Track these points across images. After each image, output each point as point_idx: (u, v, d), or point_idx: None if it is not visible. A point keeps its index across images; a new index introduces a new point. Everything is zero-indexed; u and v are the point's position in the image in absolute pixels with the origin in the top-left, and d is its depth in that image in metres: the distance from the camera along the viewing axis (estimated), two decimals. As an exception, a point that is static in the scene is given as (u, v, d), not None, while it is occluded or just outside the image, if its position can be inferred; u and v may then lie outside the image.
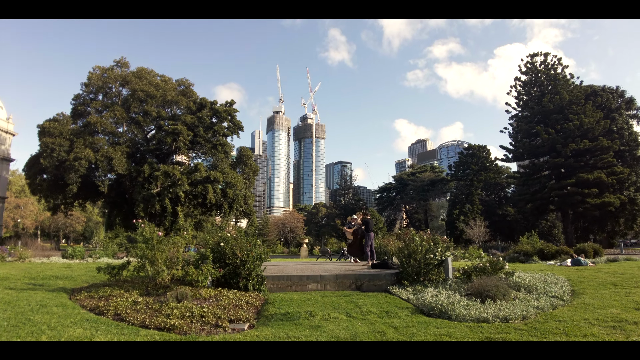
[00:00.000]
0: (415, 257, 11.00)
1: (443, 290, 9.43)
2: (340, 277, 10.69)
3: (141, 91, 47.39)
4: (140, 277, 10.26)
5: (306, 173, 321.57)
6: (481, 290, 8.54)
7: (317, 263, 16.23)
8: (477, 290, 8.69)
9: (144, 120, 48.27)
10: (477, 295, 8.49)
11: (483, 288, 8.59)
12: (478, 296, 8.41)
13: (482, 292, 8.46)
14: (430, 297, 8.73)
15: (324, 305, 8.08)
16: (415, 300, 8.78)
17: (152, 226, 9.48)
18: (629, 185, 46.60)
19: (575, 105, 46.67)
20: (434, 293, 9.11)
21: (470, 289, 9.03)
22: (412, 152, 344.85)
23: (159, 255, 9.06)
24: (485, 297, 8.29)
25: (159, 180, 44.32)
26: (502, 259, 15.82)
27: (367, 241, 14.34)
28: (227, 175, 48.99)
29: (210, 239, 10.45)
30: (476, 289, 8.75)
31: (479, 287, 8.70)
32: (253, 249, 9.95)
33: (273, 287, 10.17)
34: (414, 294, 9.39)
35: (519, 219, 74.96)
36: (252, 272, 9.60)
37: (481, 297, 8.35)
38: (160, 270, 9.04)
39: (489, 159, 79.15)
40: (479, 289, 8.64)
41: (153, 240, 9.14)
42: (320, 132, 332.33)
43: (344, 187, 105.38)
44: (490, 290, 8.44)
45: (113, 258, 27.43)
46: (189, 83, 55.07)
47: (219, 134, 50.90)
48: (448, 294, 9.03)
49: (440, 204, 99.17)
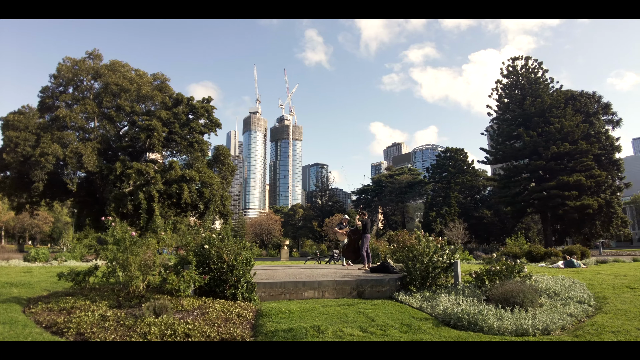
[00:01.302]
0: (421, 260, 10.00)
1: (456, 296, 8.48)
2: (339, 283, 9.56)
3: (114, 85, 44.79)
4: (110, 284, 8.86)
5: (282, 175, 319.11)
6: (507, 297, 7.61)
7: (308, 267, 15.01)
8: (500, 296, 7.75)
9: (117, 115, 45.66)
10: (502, 302, 7.55)
11: (508, 294, 7.66)
12: (504, 303, 7.48)
13: (508, 299, 7.54)
14: (445, 304, 7.84)
15: (330, 318, 6.90)
16: (430, 309, 7.81)
17: (124, 225, 8.09)
18: (605, 188, 47.31)
19: (555, 109, 47.16)
20: (450, 300, 8.18)
21: (492, 295, 8.11)
22: (387, 155, 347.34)
23: (132, 259, 7.70)
24: (513, 304, 7.39)
25: (131, 179, 41.98)
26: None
27: (364, 243, 13.25)
28: (203, 174, 47.01)
29: (192, 241, 9.15)
30: (499, 295, 7.82)
31: (504, 293, 7.76)
32: (242, 252, 8.69)
33: (264, 296, 8.93)
34: (425, 302, 8.45)
35: (495, 222, 75.93)
36: (241, 278, 8.34)
37: (507, 304, 7.43)
38: (133, 277, 7.68)
39: (466, 161, 79.93)
40: (503, 295, 7.71)
41: (125, 241, 7.78)
42: (297, 134, 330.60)
43: (321, 189, 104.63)
44: (517, 297, 7.54)
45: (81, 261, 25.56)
46: (165, 78, 52.71)
47: (195, 131, 48.83)
48: (464, 300, 8.10)
49: (417, 206, 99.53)
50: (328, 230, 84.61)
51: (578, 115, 47.57)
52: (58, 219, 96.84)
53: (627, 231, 50.29)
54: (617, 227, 48.14)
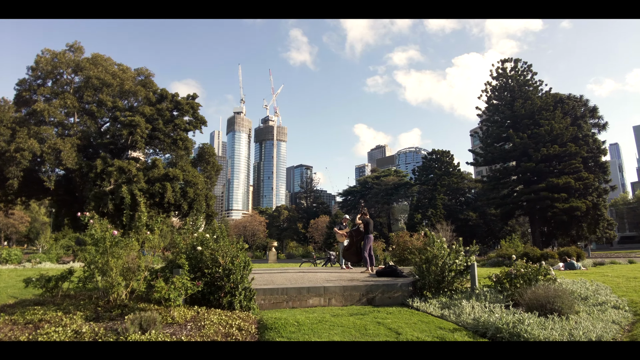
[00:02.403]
0: (436, 262, 9.12)
1: (478, 302, 7.67)
2: (347, 288, 8.60)
3: (96, 79, 42.94)
4: (87, 291, 7.73)
5: (267, 176, 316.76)
6: (541, 302, 6.84)
7: (305, 270, 14.00)
8: (533, 302, 6.98)
9: (99, 110, 43.77)
10: (536, 308, 6.77)
11: (543, 299, 6.88)
12: (539, 309, 6.69)
13: (544, 305, 6.78)
14: (470, 311, 7.05)
15: (348, 332, 5.93)
16: (455, 318, 6.98)
17: (104, 223, 6.95)
18: (592, 190, 47.57)
19: (545, 112, 47.30)
20: (475, 307, 7.35)
21: (521, 300, 7.37)
22: (371, 157, 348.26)
23: (113, 262, 6.59)
24: (551, 310, 6.62)
25: (112, 177, 40.22)
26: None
27: (367, 244, 12.32)
28: (187, 173, 45.52)
29: (181, 241, 8.08)
30: (531, 300, 7.05)
31: (537, 299, 6.98)
32: (239, 254, 7.64)
33: (264, 304, 7.92)
34: (446, 309, 7.62)
35: (481, 224, 76.05)
36: (239, 284, 7.28)
37: (542, 310, 6.66)
38: (115, 284, 6.57)
39: (452, 163, 79.94)
40: (537, 301, 6.94)
41: (105, 241, 6.64)
42: (281, 135, 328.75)
43: (306, 190, 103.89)
44: (554, 302, 6.77)
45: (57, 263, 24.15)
46: (149, 73, 50.92)
47: (179, 128, 47.29)
48: (489, 307, 7.29)
49: (403, 207, 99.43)
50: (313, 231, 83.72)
51: (567, 118, 47.77)
52: (35, 219, 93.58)
53: (613, 233, 50.72)
54: (604, 230, 48.49)
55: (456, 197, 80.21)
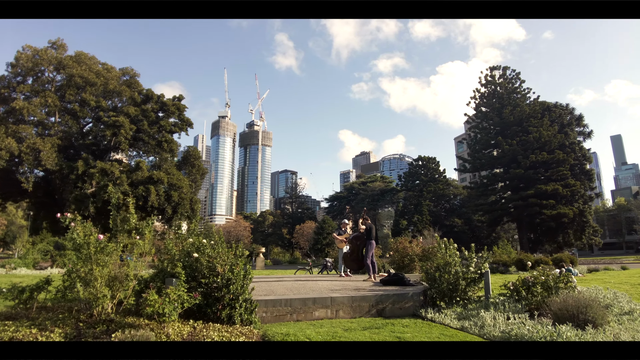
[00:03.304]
0: (449, 270, 8.56)
1: (497, 312, 7.15)
2: (356, 299, 7.91)
3: (79, 77, 41.32)
4: (67, 302, 6.85)
5: (251, 181, 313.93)
6: (572, 312, 6.30)
7: (304, 278, 13.23)
8: (562, 311, 6.45)
9: (81, 110, 42.14)
10: (567, 319, 6.21)
11: (573, 309, 6.34)
12: (570, 320, 6.12)
13: (575, 315, 6.24)
14: (490, 322, 6.54)
15: (368, 350, 5.22)
16: (478, 330, 6.39)
17: (88, 225, 6.11)
18: (578, 197, 47.92)
19: (533, 119, 47.62)
20: (497, 318, 6.81)
21: (546, 309, 6.88)
22: (356, 163, 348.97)
23: (98, 271, 5.77)
24: (584, 321, 6.08)
25: (94, 179, 38.72)
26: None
27: (369, 251, 11.64)
28: (172, 176, 44.27)
29: (173, 247, 7.28)
30: (559, 309, 6.52)
31: (566, 308, 6.44)
32: (239, 261, 6.88)
33: (266, 317, 7.18)
34: (465, 320, 7.07)
35: (466, 230, 76.28)
36: (239, 295, 6.52)
37: (573, 321, 6.10)
38: (99, 295, 5.74)
39: (438, 170, 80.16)
40: (566, 311, 6.40)
41: (89, 247, 5.82)
42: (267, 140, 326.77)
43: (291, 196, 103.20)
44: (587, 313, 6.22)
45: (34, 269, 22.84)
46: (135, 73, 49.45)
47: (165, 130, 46.00)
48: (510, 317, 6.82)
49: (388, 213, 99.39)
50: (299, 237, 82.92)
51: (554, 125, 48.17)
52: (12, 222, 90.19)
53: (598, 240, 51.14)
54: (589, 236, 48.87)
55: (441, 204, 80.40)
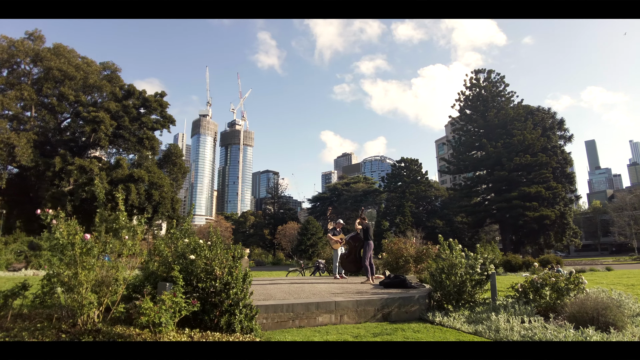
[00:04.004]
0: (455, 272, 8.27)
1: (508, 315, 6.90)
2: (361, 303, 7.47)
3: (58, 70, 39.62)
4: (46, 309, 6.16)
5: (232, 181, 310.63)
6: (592, 315, 6.09)
7: (298, 280, 12.69)
8: (581, 314, 6.23)
9: (59, 105, 40.38)
10: (587, 321, 6.02)
11: (593, 311, 6.14)
12: (589, 322, 5.95)
13: (595, 317, 6.04)
14: (504, 326, 6.29)
15: None
16: (493, 335, 6.08)
17: (73, 223, 5.47)
18: (559, 200, 48.68)
19: (517, 122, 48.21)
20: (511, 321, 6.50)
21: (562, 312, 6.81)
22: (337, 164, 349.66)
23: (83, 275, 5.15)
24: (605, 324, 5.88)
25: (72, 176, 37.18)
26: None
27: (367, 252, 11.19)
28: (153, 174, 43.01)
29: (165, 249, 6.69)
30: (580, 312, 6.29)
31: (586, 311, 6.22)
32: (237, 264, 6.34)
33: (266, 323, 6.67)
34: (476, 324, 6.77)
35: (447, 231, 76.87)
36: (240, 301, 5.97)
37: (593, 323, 5.93)
38: (85, 303, 5.12)
39: (420, 172, 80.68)
40: (587, 313, 6.18)
41: (74, 248, 5.20)
42: (248, 140, 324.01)
43: (273, 196, 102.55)
44: (606, 315, 6.02)
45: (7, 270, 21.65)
46: (116, 68, 47.96)
47: (146, 127, 44.69)
48: (525, 321, 6.52)
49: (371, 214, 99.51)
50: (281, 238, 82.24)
51: (538, 129, 48.89)
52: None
53: (578, 241, 52.09)
54: (569, 238, 49.76)
55: (423, 205, 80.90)
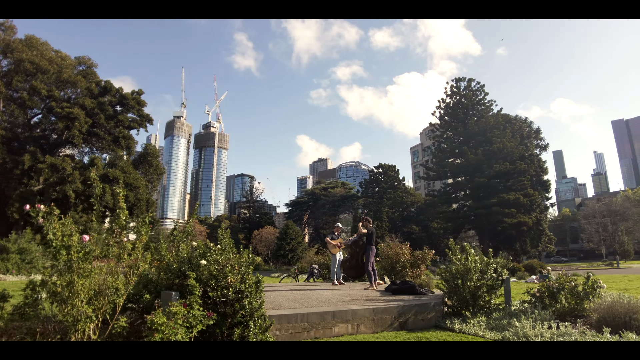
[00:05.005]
0: (471, 277, 7.95)
1: (533, 322, 6.64)
2: (378, 311, 6.99)
3: (29, 63, 37.44)
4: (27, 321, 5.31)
5: (205, 184, 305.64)
6: (624, 319, 5.94)
7: (299, 287, 11.96)
8: (611, 319, 6.07)
9: (30, 99, 38.07)
10: (619, 326, 5.84)
11: (624, 315, 6.00)
12: (622, 327, 5.75)
13: (627, 322, 5.88)
14: (532, 333, 6.11)
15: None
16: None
17: (68, 222, 4.68)
18: (535, 207, 49.68)
19: (497, 130, 49.03)
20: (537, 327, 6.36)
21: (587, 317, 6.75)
22: (313, 169, 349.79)
23: (80, 284, 4.40)
24: (638, 328, 5.76)
25: (43, 175, 35.16)
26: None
27: (370, 257, 10.71)
28: (128, 175, 41.40)
29: (167, 253, 5.99)
30: (609, 317, 6.14)
31: (616, 315, 6.08)
32: (249, 270, 5.68)
33: (279, 335, 6.10)
34: (500, 331, 6.55)
35: (423, 237, 77.63)
36: (254, 312, 5.34)
37: (626, 328, 5.73)
38: (82, 317, 4.37)
39: (397, 178, 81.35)
40: (619, 318, 6.02)
41: (71, 251, 4.46)
42: (223, 142, 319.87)
43: (248, 200, 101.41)
44: (638, 319, 5.90)
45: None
46: (92, 63, 45.79)
47: (122, 125, 42.96)
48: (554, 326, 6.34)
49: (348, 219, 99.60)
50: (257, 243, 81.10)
51: (517, 136, 49.92)
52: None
53: (552, 248, 53.27)
54: (545, 244, 50.90)
55: (399, 211, 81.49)
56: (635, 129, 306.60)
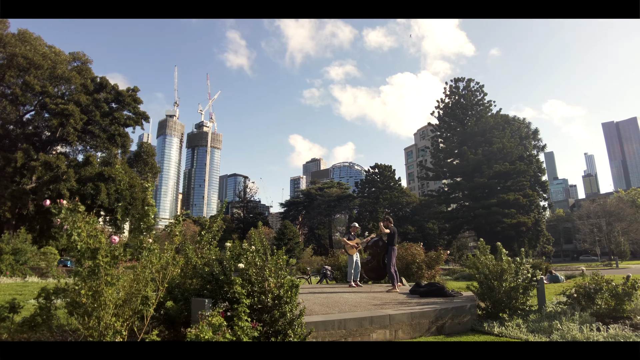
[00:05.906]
0: (506, 278, 7.63)
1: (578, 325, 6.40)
2: (415, 316, 6.60)
3: (22, 58, 36.35)
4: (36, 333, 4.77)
5: (198, 184, 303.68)
6: None
7: (318, 289, 11.49)
8: None
9: (23, 95, 36.99)
10: None
11: None
12: None
13: None
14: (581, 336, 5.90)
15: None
16: None
17: (92, 221, 4.18)
18: (534, 207, 49.73)
19: (496, 130, 48.96)
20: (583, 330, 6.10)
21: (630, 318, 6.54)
22: (306, 170, 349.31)
23: (108, 294, 3.89)
24: None
25: (36, 173, 34.26)
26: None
27: (392, 258, 10.31)
28: (124, 173, 40.59)
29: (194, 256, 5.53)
30: None
31: None
32: (287, 273, 5.23)
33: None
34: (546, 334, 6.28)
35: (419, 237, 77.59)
36: (294, 320, 4.89)
37: None
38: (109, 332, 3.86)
39: (393, 178, 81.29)
40: None
41: (98, 255, 3.96)
42: (216, 142, 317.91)
43: (242, 200, 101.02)
44: None
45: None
46: (87, 59, 44.93)
47: (118, 123, 42.10)
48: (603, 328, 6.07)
49: (343, 219, 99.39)
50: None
51: (516, 137, 49.94)
52: None
53: (550, 248, 53.33)
54: (543, 244, 50.92)
55: (395, 211, 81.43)
56: (625, 131, 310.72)
